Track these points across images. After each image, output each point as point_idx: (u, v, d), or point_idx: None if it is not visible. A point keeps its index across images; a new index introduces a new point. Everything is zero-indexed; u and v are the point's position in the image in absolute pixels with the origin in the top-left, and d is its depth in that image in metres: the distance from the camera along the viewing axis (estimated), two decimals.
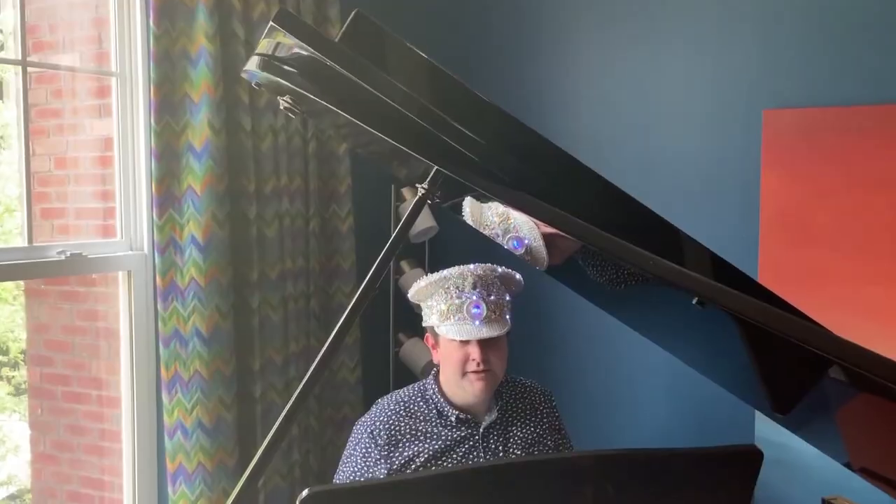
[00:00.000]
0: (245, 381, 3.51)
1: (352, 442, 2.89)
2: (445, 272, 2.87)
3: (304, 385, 1.97)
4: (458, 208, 2.42)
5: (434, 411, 2.88)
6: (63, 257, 3.16)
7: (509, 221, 2.17)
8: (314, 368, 1.98)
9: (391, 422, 2.86)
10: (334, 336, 2.00)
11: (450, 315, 2.82)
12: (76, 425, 3.86)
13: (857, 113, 3.36)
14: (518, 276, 2.90)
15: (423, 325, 2.98)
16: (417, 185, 2.07)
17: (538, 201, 1.82)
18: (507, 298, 2.86)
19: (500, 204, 2.10)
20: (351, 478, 2.82)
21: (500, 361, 2.85)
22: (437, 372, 2.96)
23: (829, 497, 2.76)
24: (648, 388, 3.92)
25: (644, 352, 3.50)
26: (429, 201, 2.09)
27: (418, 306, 3.02)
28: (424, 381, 2.99)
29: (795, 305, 1.85)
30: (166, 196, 3.30)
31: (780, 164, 3.51)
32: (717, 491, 1.93)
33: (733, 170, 3.64)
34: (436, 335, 2.91)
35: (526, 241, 2.20)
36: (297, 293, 3.73)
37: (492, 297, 2.81)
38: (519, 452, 2.86)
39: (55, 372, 3.92)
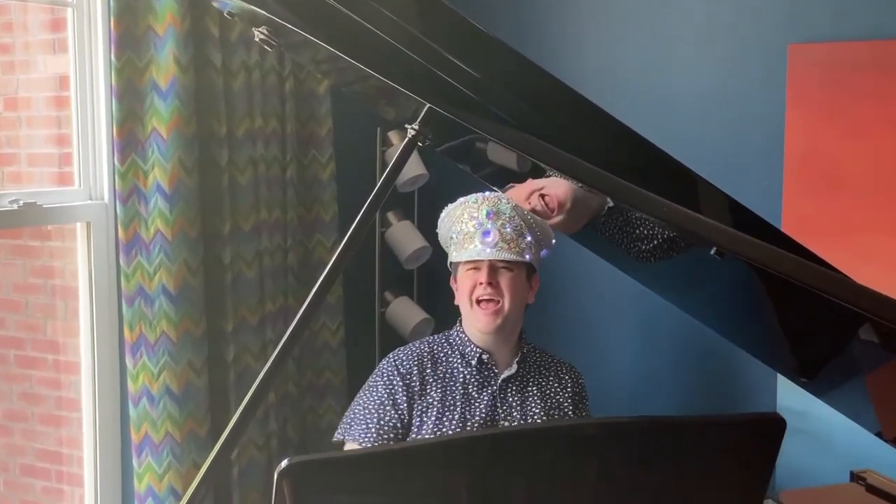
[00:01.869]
0: (217, 343, 3.52)
1: (375, 375, 3.12)
2: (462, 199, 3.13)
3: (281, 348, 1.97)
4: (453, 153, 2.42)
5: (457, 353, 3.12)
6: (15, 207, 3.14)
7: None
8: (292, 330, 1.99)
9: (417, 360, 3.10)
10: (314, 294, 2.00)
11: (464, 243, 3.05)
12: (30, 393, 3.86)
13: (891, 47, 3.35)
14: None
15: (448, 266, 3.20)
16: (407, 125, 2.06)
17: (541, 142, 1.81)
18: (529, 239, 3.04)
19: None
20: (375, 408, 3.03)
21: (511, 294, 3.04)
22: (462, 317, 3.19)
23: (859, 470, 2.77)
24: (662, 352, 3.93)
25: (660, 313, 3.51)
26: (419, 144, 2.08)
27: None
28: (450, 329, 3.21)
29: (822, 257, 1.85)
30: (129, 140, 3.28)
31: (806, 103, 3.50)
32: (735, 462, 1.94)
33: (755, 110, 3.63)
34: (456, 271, 3.13)
35: None
36: (273, 247, 3.72)
37: (507, 228, 3.01)
38: (537, 411, 3.06)
39: (6, 334, 3.92)
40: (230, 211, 3.51)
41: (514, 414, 3.05)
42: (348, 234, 2.02)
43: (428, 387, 3.05)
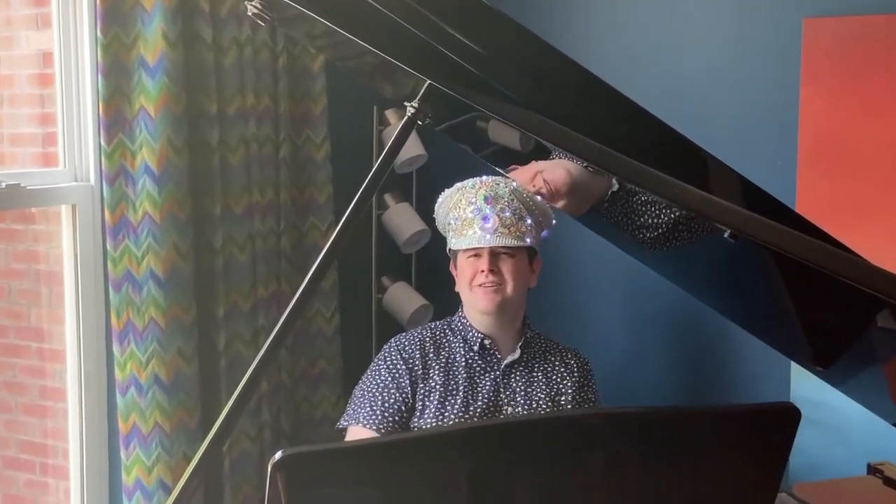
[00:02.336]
0: (207, 330, 3.51)
1: (377, 360, 3.20)
2: (459, 183, 3.16)
3: (274, 335, 1.98)
4: (454, 132, 2.41)
5: (459, 339, 3.18)
6: None
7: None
8: (286, 316, 1.99)
9: (419, 344, 3.18)
10: (309, 280, 2.01)
11: (463, 230, 3.08)
12: (13, 382, 3.86)
13: None
14: (539, 197, 2.98)
15: (448, 252, 3.24)
16: (406, 103, 2.05)
17: (546, 120, 1.81)
18: (529, 222, 3.08)
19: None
20: (379, 391, 3.11)
21: (513, 279, 3.09)
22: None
23: (877, 462, 2.77)
24: (670, 339, 3.93)
25: (666, 299, 3.51)
26: (419, 123, 2.07)
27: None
28: (451, 316, 3.27)
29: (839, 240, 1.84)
30: (115, 119, 3.27)
31: (821, 79, 3.49)
32: (747, 454, 1.93)
33: (768, 87, 3.62)
34: (455, 257, 3.18)
35: None
36: (265, 230, 3.71)
37: (506, 213, 3.04)
38: (542, 396, 3.11)
39: None
40: (221, 193, 3.50)
41: (518, 399, 3.10)
42: (344, 217, 2.02)
43: (431, 371, 3.11)
